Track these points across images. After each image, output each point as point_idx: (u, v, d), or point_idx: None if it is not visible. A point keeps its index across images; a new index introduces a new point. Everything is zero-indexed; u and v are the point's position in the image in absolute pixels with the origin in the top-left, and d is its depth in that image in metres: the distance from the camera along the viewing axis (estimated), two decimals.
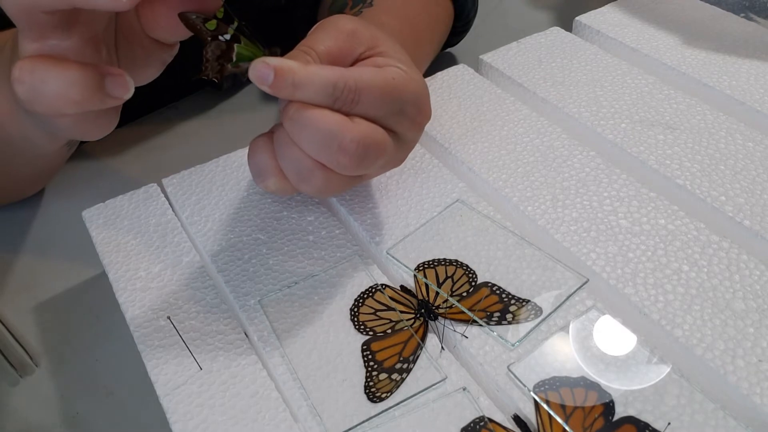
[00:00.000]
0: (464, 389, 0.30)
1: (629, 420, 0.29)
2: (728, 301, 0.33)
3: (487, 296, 0.34)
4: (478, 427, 0.29)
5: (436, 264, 0.36)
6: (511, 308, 0.33)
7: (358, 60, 0.33)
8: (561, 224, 0.37)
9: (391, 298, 0.34)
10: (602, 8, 0.54)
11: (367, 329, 0.33)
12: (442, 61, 0.57)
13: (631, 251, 0.35)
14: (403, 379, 0.31)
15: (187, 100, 0.57)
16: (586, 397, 0.29)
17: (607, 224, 0.37)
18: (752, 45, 0.49)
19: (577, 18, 0.54)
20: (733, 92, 0.45)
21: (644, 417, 0.29)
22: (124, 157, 0.52)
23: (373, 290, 0.35)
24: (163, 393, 0.31)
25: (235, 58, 0.30)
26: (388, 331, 0.33)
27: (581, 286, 0.34)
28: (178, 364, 0.32)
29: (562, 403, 0.29)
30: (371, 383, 0.31)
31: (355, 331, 0.33)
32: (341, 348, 0.32)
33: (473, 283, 0.34)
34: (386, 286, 0.35)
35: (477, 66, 0.51)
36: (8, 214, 0.47)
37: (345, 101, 0.30)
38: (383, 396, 0.30)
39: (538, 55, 0.50)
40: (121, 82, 0.28)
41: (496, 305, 0.33)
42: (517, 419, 0.29)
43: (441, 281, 0.35)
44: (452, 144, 0.43)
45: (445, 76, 0.49)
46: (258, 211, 0.40)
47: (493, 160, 0.41)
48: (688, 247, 0.35)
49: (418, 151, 0.42)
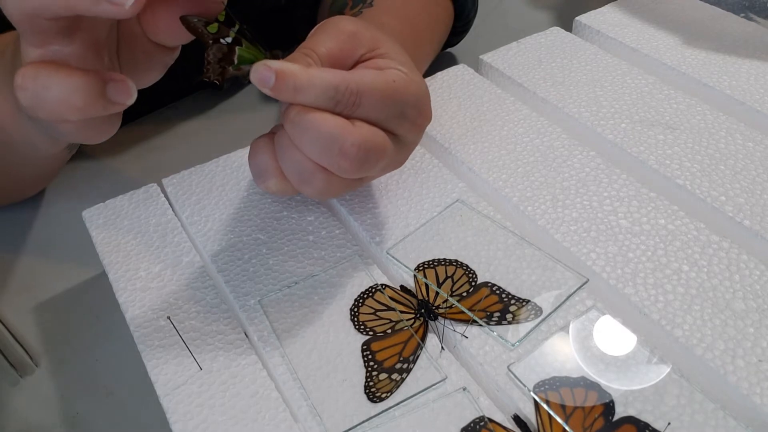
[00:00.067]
0: (464, 389, 0.30)
1: (629, 420, 0.29)
2: (728, 301, 0.33)
3: (487, 296, 0.34)
4: (478, 427, 0.29)
5: (436, 264, 0.36)
6: (511, 308, 0.33)
7: (359, 61, 0.33)
8: (561, 224, 0.37)
9: (391, 298, 0.34)
10: (602, 8, 0.54)
11: (367, 329, 0.33)
12: (442, 61, 0.57)
13: (631, 251, 0.35)
14: (403, 379, 0.31)
15: (187, 100, 0.57)
16: (586, 397, 0.29)
17: (607, 224, 0.37)
18: (752, 45, 0.49)
19: (577, 18, 0.54)
20: (733, 92, 0.45)
21: (644, 417, 0.29)
22: (124, 157, 0.52)
23: (373, 290, 0.35)
24: (163, 393, 0.31)
25: (236, 61, 0.30)
26: (388, 331, 0.33)
27: (581, 286, 0.34)
28: (178, 364, 0.32)
29: (562, 403, 0.29)
30: (371, 383, 0.31)
31: (355, 331, 0.33)
32: (341, 348, 0.32)
33: (473, 283, 0.34)
34: (386, 286, 0.35)
35: (477, 66, 0.51)
36: (9, 215, 0.47)
37: (346, 104, 0.30)
38: (383, 396, 0.30)
39: (538, 55, 0.50)
40: (124, 88, 0.28)
41: (496, 305, 0.33)
42: (517, 419, 0.29)
43: (441, 281, 0.35)
44: (452, 144, 0.43)
45: (445, 76, 0.49)
46: (258, 211, 0.40)
47: (493, 160, 0.41)
48: (688, 247, 0.35)
49: (418, 151, 0.42)
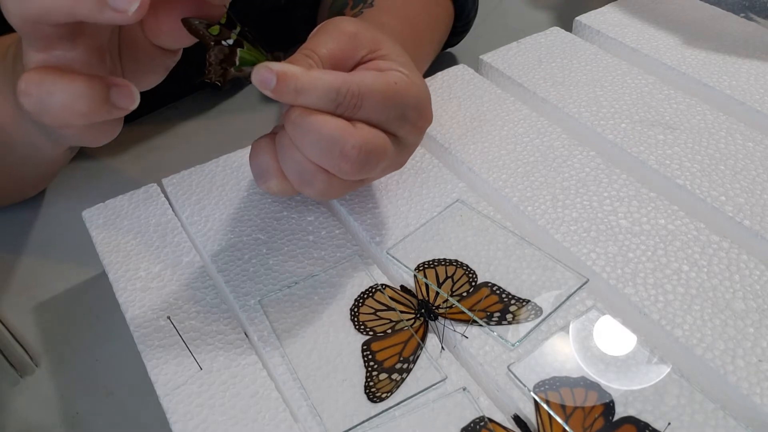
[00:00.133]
0: (464, 389, 0.30)
1: (629, 420, 0.29)
2: (728, 301, 0.33)
3: (487, 296, 0.34)
4: (478, 427, 0.29)
5: (436, 264, 0.36)
6: (511, 308, 0.33)
7: (360, 63, 0.33)
8: (561, 224, 0.37)
9: (391, 298, 0.34)
10: (602, 8, 0.54)
11: (367, 329, 0.33)
12: (442, 61, 0.57)
13: (631, 251, 0.35)
14: (403, 379, 0.31)
15: (187, 100, 0.57)
16: (586, 397, 0.29)
17: (607, 224, 0.37)
18: (752, 45, 0.49)
19: (577, 18, 0.54)
20: (733, 92, 0.45)
21: (644, 417, 0.29)
22: (124, 157, 0.52)
23: (373, 290, 0.35)
24: (163, 393, 0.31)
25: (238, 63, 0.30)
26: (388, 331, 0.33)
27: (581, 286, 0.34)
28: (178, 364, 0.32)
29: (562, 403, 0.29)
30: (371, 383, 0.31)
31: (355, 331, 0.33)
32: (341, 348, 0.32)
33: (473, 283, 0.34)
34: (386, 286, 0.35)
35: (477, 66, 0.51)
36: (9, 215, 0.47)
37: (347, 106, 0.30)
38: (383, 396, 0.30)
39: (538, 55, 0.50)
40: (127, 92, 0.28)
41: (496, 305, 0.33)
42: (517, 419, 0.29)
43: (441, 281, 0.35)
44: (452, 144, 0.43)
45: (445, 76, 0.49)
46: (258, 211, 0.40)
47: (493, 160, 0.41)
48: (688, 247, 0.35)
49: (419, 152, 0.42)
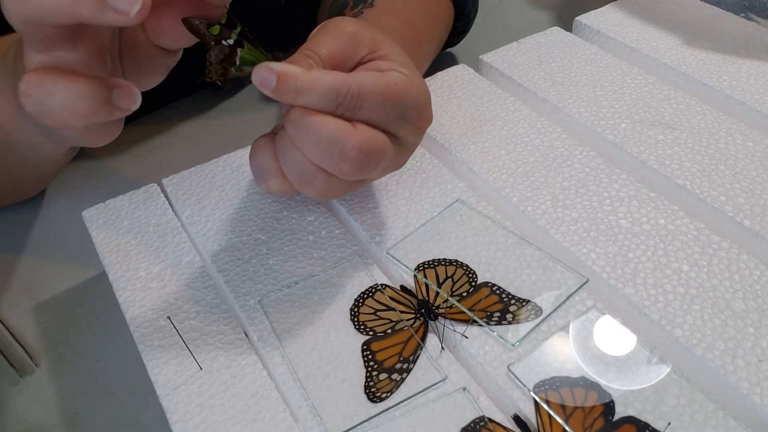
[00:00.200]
0: (464, 389, 0.30)
1: (629, 420, 0.29)
2: (728, 301, 0.33)
3: (487, 296, 0.34)
4: (478, 427, 0.29)
5: (436, 264, 0.36)
6: (511, 308, 0.33)
7: (360, 63, 0.33)
8: (561, 224, 0.37)
9: (391, 298, 0.34)
10: (602, 8, 0.54)
11: (367, 329, 0.33)
12: (442, 61, 0.57)
13: (631, 251, 0.35)
14: (403, 379, 0.31)
15: (187, 100, 0.57)
16: (586, 397, 0.29)
17: (607, 224, 0.37)
18: (752, 45, 0.49)
19: (577, 18, 0.54)
20: (733, 92, 0.45)
21: (644, 417, 0.29)
22: (124, 157, 0.52)
23: (373, 290, 0.35)
24: (163, 393, 0.31)
25: (238, 62, 0.30)
26: (388, 331, 0.33)
27: (581, 286, 0.34)
28: (178, 364, 0.32)
29: (562, 403, 0.29)
30: (371, 383, 0.31)
31: (355, 331, 0.33)
32: (341, 348, 0.32)
33: (473, 283, 0.34)
34: (386, 286, 0.35)
35: (477, 66, 0.51)
36: (9, 215, 0.47)
37: (347, 107, 0.30)
38: (383, 396, 0.30)
39: (538, 55, 0.50)
40: (128, 93, 0.28)
41: (496, 305, 0.33)
42: (517, 419, 0.29)
43: (441, 281, 0.35)
44: (452, 144, 0.43)
45: (445, 76, 0.49)
46: (258, 211, 0.40)
47: (493, 160, 0.41)
48: (688, 247, 0.35)
49: (418, 152, 0.42)
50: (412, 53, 0.36)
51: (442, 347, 0.32)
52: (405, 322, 0.33)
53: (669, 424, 0.28)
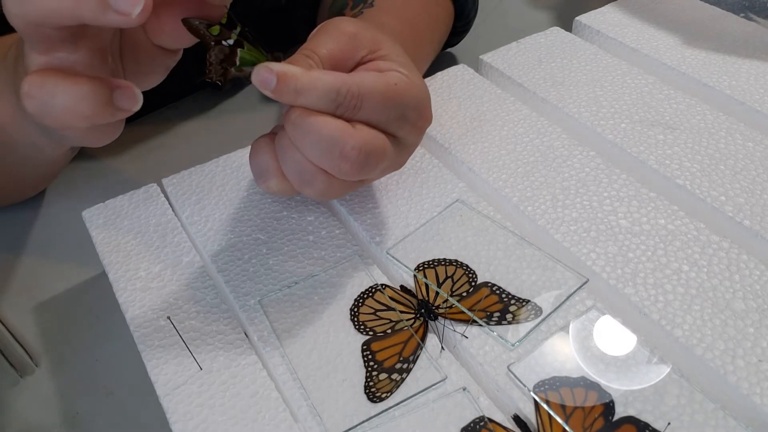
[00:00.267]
0: (464, 389, 0.30)
1: (629, 420, 0.29)
2: (728, 301, 0.33)
3: (487, 296, 0.34)
4: (478, 427, 0.29)
5: (436, 264, 0.36)
6: (511, 308, 0.33)
7: (360, 63, 0.33)
8: (561, 224, 0.37)
9: (391, 298, 0.34)
10: (602, 8, 0.54)
11: (367, 329, 0.33)
12: (442, 61, 0.57)
13: (631, 251, 0.35)
14: (403, 379, 0.31)
15: (187, 100, 0.57)
16: (586, 397, 0.29)
17: (607, 224, 0.37)
18: (752, 45, 0.49)
19: (577, 18, 0.54)
20: (733, 92, 0.45)
21: (644, 417, 0.29)
22: (124, 157, 0.52)
23: (373, 290, 0.35)
24: (163, 393, 0.31)
25: (238, 63, 0.30)
26: (388, 331, 0.33)
27: (581, 286, 0.34)
28: (178, 364, 0.32)
29: (562, 403, 0.29)
30: (371, 383, 0.31)
31: (355, 331, 0.33)
32: (341, 348, 0.32)
33: (473, 283, 0.34)
34: (386, 286, 0.35)
35: (477, 66, 0.51)
36: (9, 215, 0.47)
37: (347, 107, 0.30)
38: (383, 396, 0.30)
39: (538, 55, 0.50)
40: (130, 94, 0.28)
41: (496, 305, 0.33)
42: (517, 419, 0.29)
43: (441, 281, 0.35)
44: (452, 144, 0.43)
45: (445, 76, 0.49)
46: (258, 211, 0.40)
47: (493, 160, 0.41)
48: (688, 247, 0.35)
49: (418, 152, 0.42)
50: (412, 53, 0.36)
51: (442, 347, 0.32)
52: (405, 322, 0.33)
53: (669, 424, 0.28)
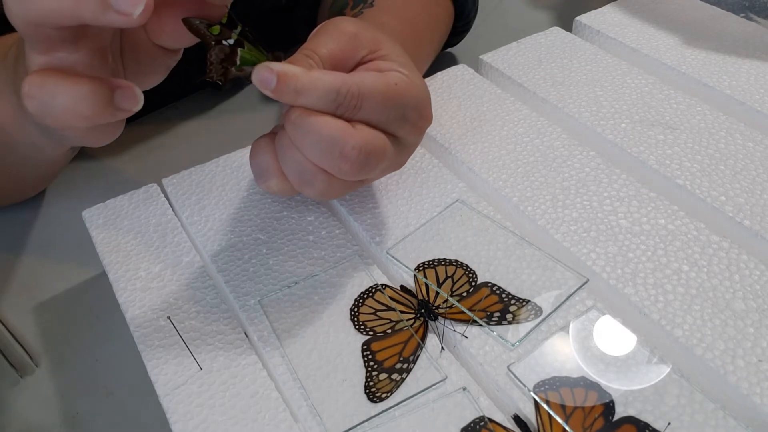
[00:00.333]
0: (464, 389, 0.30)
1: (629, 420, 0.29)
2: (728, 301, 0.33)
3: (487, 296, 0.34)
4: (478, 427, 0.29)
5: (436, 264, 0.36)
6: (511, 308, 0.33)
7: (360, 63, 0.33)
8: (561, 224, 0.37)
9: (391, 298, 0.34)
10: (602, 8, 0.54)
11: (367, 329, 0.33)
12: (442, 61, 0.57)
13: (631, 251, 0.35)
14: (403, 379, 0.31)
15: (187, 100, 0.57)
16: (586, 397, 0.29)
17: (607, 224, 0.37)
18: (752, 45, 0.49)
19: (577, 18, 0.54)
20: (733, 92, 0.45)
21: (644, 417, 0.29)
22: (124, 157, 0.52)
23: (373, 290, 0.35)
24: (163, 393, 0.31)
25: (238, 62, 0.30)
26: (388, 331, 0.33)
27: (581, 286, 0.34)
28: (178, 364, 0.32)
29: (562, 403, 0.29)
30: (371, 383, 0.31)
31: (355, 331, 0.33)
32: (341, 348, 0.32)
33: (473, 283, 0.34)
34: (386, 286, 0.35)
35: (477, 66, 0.51)
36: (9, 215, 0.47)
37: (347, 107, 0.30)
38: (383, 396, 0.30)
39: (538, 55, 0.50)
40: (131, 94, 0.28)
41: (496, 305, 0.33)
42: (517, 419, 0.29)
43: (441, 281, 0.35)
44: (452, 144, 0.43)
45: (445, 76, 0.49)
46: (258, 211, 0.40)
47: (493, 160, 0.41)
48: (688, 247, 0.35)
49: (418, 152, 0.42)
50: (412, 53, 0.36)
51: (442, 347, 0.32)
52: (405, 322, 0.33)
53: (669, 424, 0.28)
